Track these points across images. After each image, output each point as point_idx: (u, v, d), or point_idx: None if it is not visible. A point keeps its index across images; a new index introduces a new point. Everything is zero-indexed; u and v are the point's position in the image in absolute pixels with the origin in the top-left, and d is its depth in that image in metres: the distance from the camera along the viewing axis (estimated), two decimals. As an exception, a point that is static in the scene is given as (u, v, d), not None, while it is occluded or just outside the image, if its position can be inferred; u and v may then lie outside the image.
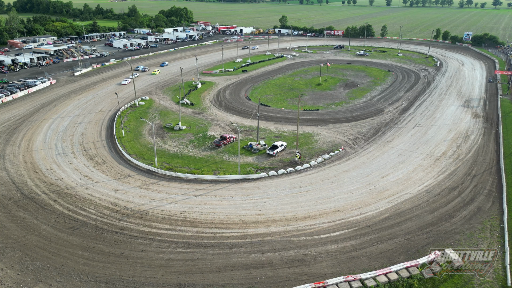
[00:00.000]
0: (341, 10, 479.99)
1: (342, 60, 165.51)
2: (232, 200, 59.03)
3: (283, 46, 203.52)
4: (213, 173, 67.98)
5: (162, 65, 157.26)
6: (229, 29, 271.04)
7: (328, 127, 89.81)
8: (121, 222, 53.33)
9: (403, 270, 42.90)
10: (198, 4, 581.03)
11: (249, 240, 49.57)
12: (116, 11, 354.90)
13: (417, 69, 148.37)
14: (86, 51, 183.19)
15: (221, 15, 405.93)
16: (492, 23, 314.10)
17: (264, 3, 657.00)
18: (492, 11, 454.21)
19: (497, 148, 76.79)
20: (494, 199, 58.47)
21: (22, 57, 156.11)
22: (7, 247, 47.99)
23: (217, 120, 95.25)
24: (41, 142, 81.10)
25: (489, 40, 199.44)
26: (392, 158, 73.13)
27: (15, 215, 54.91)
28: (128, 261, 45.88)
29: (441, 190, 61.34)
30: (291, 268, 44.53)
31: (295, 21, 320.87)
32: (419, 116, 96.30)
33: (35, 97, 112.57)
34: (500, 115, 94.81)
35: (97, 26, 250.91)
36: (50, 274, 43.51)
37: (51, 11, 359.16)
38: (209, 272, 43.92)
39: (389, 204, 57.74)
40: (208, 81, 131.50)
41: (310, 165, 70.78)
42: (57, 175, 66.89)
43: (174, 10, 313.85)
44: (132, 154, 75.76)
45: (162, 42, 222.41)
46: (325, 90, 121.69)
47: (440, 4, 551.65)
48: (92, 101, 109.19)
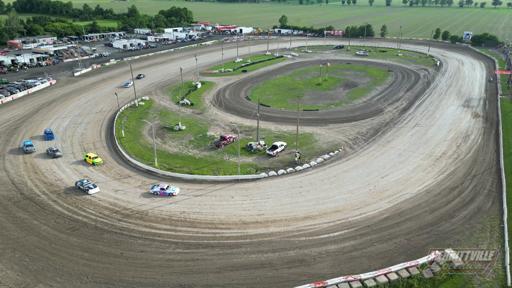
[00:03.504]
0: (340, 10, 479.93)
1: (342, 60, 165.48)
2: (232, 201, 59.02)
3: (283, 46, 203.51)
4: (213, 173, 67.97)
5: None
6: (229, 29, 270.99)
7: (328, 127, 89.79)
8: (121, 223, 53.33)
9: (403, 270, 42.92)
10: (198, 4, 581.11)
11: (249, 241, 49.57)
12: (116, 11, 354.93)
13: (417, 69, 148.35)
14: (86, 51, 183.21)
15: (221, 15, 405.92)
16: (492, 22, 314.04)
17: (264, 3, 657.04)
18: (491, 10, 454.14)
19: (497, 148, 76.78)
20: (494, 199, 58.47)
21: (22, 57, 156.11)
22: (7, 248, 47.99)
23: (217, 120, 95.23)
24: (41, 142, 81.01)
25: (489, 40, 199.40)
26: (392, 158, 73.13)
27: (15, 216, 54.90)
28: (128, 261, 45.88)
29: (441, 190, 61.34)
30: (291, 269, 44.54)
31: (295, 21, 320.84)
32: (419, 116, 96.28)
33: (35, 97, 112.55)
34: (500, 115, 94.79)
35: (97, 26, 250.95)
36: (50, 275, 43.52)
37: (50, 12, 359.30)
38: (209, 273, 43.92)
39: (389, 204, 57.74)
40: (208, 81, 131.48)
41: (310, 165, 70.77)
42: (57, 176, 66.88)
43: (174, 10, 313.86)
44: (132, 154, 75.74)
45: (162, 42, 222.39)
46: (325, 90, 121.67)
47: (440, 4, 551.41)
48: (92, 102, 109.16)
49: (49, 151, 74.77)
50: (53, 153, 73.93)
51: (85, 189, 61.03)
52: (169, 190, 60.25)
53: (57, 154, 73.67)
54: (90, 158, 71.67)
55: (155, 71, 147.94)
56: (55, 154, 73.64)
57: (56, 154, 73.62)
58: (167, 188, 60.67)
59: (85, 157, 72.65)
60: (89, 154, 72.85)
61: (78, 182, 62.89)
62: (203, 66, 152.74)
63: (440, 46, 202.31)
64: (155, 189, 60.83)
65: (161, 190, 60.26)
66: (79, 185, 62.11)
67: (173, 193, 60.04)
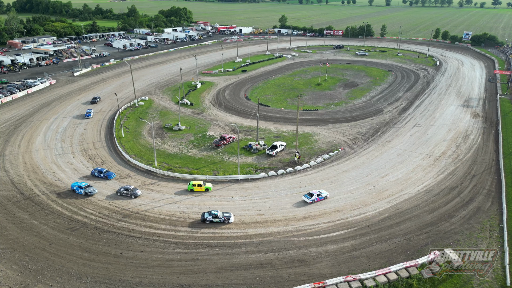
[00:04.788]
0: (340, 10, 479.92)
1: (342, 60, 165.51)
2: (231, 201, 59.04)
3: (282, 46, 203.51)
4: (213, 173, 67.99)
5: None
6: (229, 29, 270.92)
7: (327, 127, 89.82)
8: (120, 223, 53.34)
9: (402, 270, 42.97)
10: (198, 4, 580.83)
11: (248, 241, 49.60)
12: (115, 11, 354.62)
13: (416, 69, 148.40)
14: (86, 51, 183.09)
15: (220, 15, 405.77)
16: (492, 22, 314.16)
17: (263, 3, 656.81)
18: (491, 10, 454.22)
19: (497, 148, 76.84)
20: (494, 199, 58.53)
21: (22, 57, 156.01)
22: (6, 248, 47.99)
23: (216, 120, 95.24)
24: (40, 142, 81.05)
25: (488, 40, 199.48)
26: (392, 158, 73.17)
27: (14, 216, 54.89)
28: (127, 261, 45.90)
29: (441, 190, 61.38)
30: (291, 268, 44.57)
31: (294, 21, 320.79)
32: (418, 116, 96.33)
33: (35, 97, 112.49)
34: (500, 115, 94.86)
35: (96, 26, 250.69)
36: (49, 275, 43.53)
37: (50, 11, 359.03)
38: (208, 273, 43.95)
39: (389, 204, 57.78)
40: (208, 81, 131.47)
41: (309, 165, 70.79)
42: (56, 176, 66.87)
43: (173, 10, 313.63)
44: (131, 154, 75.74)
45: (162, 42, 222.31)
46: (325, 90, 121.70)
47: (439, 4, 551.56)
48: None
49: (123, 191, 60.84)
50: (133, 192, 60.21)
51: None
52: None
53: (137, 193, 60.15)
54: (199, 186, 60.73)
55: (155, 71, 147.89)
56: (136, 193, 60.04)
57: (136, 194, 60.06)
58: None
59: (191, 187, 60.72)
60: (194, 183, 60.87)
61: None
62: (202, 66, 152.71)
63: (439, 46, 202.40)
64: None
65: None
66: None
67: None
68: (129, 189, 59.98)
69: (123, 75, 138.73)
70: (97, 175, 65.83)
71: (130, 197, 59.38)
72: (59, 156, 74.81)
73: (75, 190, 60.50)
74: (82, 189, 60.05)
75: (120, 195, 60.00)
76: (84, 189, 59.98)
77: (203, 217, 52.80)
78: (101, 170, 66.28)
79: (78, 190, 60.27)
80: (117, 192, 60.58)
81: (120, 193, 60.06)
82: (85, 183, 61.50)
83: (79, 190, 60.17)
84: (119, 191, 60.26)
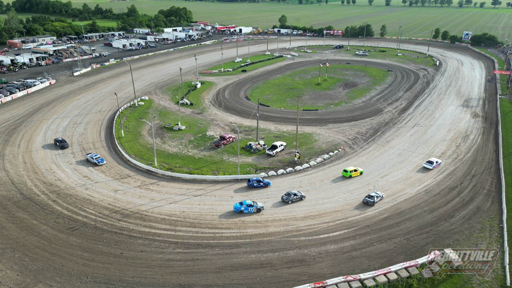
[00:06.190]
0: (340, 10, 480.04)
1: (342, 60, 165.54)
2: (231, 200, 59.02)
3: (282, 46, 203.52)
4: (213, 173, 67.99)
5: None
6: (229, 29, 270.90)
7: (327, 127, 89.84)
8: (120, 223, 53.32)
9: (402, 270, 42.98)
10: (198, 4, 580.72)
11: (248, 241, 49.61)
12: (115, 11, 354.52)
13: (416, 69, 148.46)
14: (86, 51, 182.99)
15: (220, 14, 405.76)
16: (491, 22, 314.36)
17: (263, 2, 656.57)
18: (491, 10, 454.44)
19: (496, 147, 76.90)
20: (493, 199, 58.58)
21: (21, 57, 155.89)
22: (6, 248, 47.96)
23: (216, 120, 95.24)
24: (40, 142, 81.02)
25: (488, 40, 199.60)
26: (392, 158, 73.21)
27: (14, 216, 54.87)
28: (127, 261, 45.88)
29: (440, 190, 61.43)
30: (291, 268, 44.58)
31: (294, 20, 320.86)
32: (418, 116, 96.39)
33: (34, 97, 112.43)
34: (499, 115, 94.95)
35: (96, 26, 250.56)
36: (49, 275, 43.50)
37: (50, 11, 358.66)
38: (208, 273, 43.95)
39: (389, 204, 57.81)
40: (208, 81, 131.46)
41: (309, 165, 70.81)
42: (56, 176, 66.85)
43: (173, 10, 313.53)
44: (131, 154, 75.74)
45: (162, 42, 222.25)
46: (325, 90, 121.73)
47: (439, 4, 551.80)
48: (92, 101, 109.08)
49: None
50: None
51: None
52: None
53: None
54: (355, 171, 65.00)
55: (155, 70, 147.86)
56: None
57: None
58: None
59: (349, 174, 64.42)
60: (351, 169, 65.01)
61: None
62: (202, 66, 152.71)
63: (439, 46, 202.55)
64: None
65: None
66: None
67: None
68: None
69: (123, 75, 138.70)
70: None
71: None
72: (59, 156, 74.79)
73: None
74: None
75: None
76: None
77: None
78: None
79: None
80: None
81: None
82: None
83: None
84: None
